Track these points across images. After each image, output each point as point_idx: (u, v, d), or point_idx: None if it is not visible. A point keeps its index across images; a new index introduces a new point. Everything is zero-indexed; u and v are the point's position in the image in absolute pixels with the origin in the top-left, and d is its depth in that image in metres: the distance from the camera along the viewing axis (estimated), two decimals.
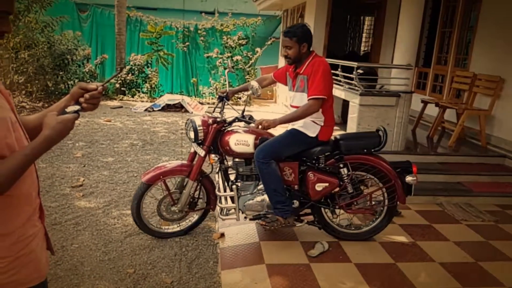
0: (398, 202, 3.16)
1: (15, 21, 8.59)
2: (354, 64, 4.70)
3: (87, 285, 2.68)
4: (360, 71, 4.71)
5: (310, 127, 3.01)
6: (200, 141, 3.12)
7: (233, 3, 13.07)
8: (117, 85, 10.55)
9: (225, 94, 3.38)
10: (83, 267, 2.87)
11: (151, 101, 9.94)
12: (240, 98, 9.78)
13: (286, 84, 3.27)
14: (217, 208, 3.27)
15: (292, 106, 3.11)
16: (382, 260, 3.02)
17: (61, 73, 9.48)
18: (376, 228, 3.26)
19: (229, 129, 3.15)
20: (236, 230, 3.43)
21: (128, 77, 10.52)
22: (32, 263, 1.21)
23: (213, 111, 3.31)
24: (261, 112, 9.72)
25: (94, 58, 10.97)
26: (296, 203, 3.09)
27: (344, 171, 3.07)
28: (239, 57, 10.91)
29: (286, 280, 2.70)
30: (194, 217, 3.43)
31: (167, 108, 9.21)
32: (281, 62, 10.81)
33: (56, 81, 9.45)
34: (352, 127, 4.83)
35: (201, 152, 3.10)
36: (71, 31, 10.34)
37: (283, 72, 3.27)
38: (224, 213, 3.23)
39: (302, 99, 2.99)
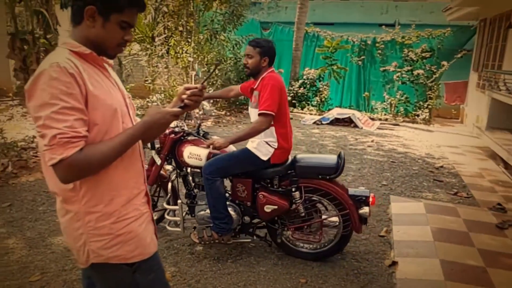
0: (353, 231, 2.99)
1: (211, 40, 9.90)
2: None
3: (262, 284, 2.76)
4: None
5: (262, 149, 2.89)
6: (159, 149, 3.17)
7: (417, 14, 12.10)
8: (289, 98, 10.99)
9: None
10: (259, 267, 2.99)
11: (319, 114, 10.00)
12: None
13: (251, 99, 3.07)
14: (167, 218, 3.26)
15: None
16: None
17: None
18: (328, 252, 3.09)
19: (188, 138, 3.14)
20: (417, 262, 3.03)
21: (299, 91, 10.85)
22: (133, 241, 1.36)
23: (183, 119, 3.23)
24: (441, 132, 8.65)
25: None
26: (247, 219, 3.07)
27: (296, 194, 2.94)
28: (420, 71, 10.00)
29: None
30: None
31: (336, 122, 9.09)
32: (473, 78, 9.46)
33: None
34: None
35: (158, 161, 3.14)
36: None
37: (249, 86, 3.09)
38: (171, 224, 3.26)
39: (256, 115, 2.87)
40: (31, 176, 4.78)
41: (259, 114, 2.80)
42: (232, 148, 3.03)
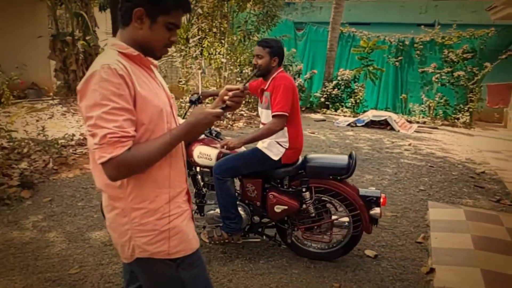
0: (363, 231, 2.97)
1: (245, 41, 9.93)
2: None
3: (295, 287, 2.75)
4: None
5: (273, 149, 2.89)
6: None
7: (458, 13, 11.56)
8: (322, 99, 10.85)
9: (196, 97, 3.22)
10: (291, 269, 2.98)
11: (353, 116, 9.82)
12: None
13: (260, 99, 3.08)
14: None
15: (262, 124, 3.01)
16: None
17: None
18: (338, 253, 3.07)
19: (198, 138, 3.12)
20: (456, 271, 2.92)
21: (333, 92, 10.70)
22: (177, 236, 1.40)
23: (183, 117, 3.09)
24: (483, 136, 8.28)
25: (304, 73, 11.60)
26: (256, 219, 3.05)
27: (306, 195, 2.91)
28: (461, 73, 9.59)
29: None
30: None
31: (371, 124, 8.87)
32: None
33: None
34: None
35: None
36: (285, 48, 11.24)
37: (258, 86, 3.07)
38: None
39: (268, 116, 2.89)
40: (70, 172, 4.97)
41: (274, 116, 2.81)
42: (242, 148, 3.03)
